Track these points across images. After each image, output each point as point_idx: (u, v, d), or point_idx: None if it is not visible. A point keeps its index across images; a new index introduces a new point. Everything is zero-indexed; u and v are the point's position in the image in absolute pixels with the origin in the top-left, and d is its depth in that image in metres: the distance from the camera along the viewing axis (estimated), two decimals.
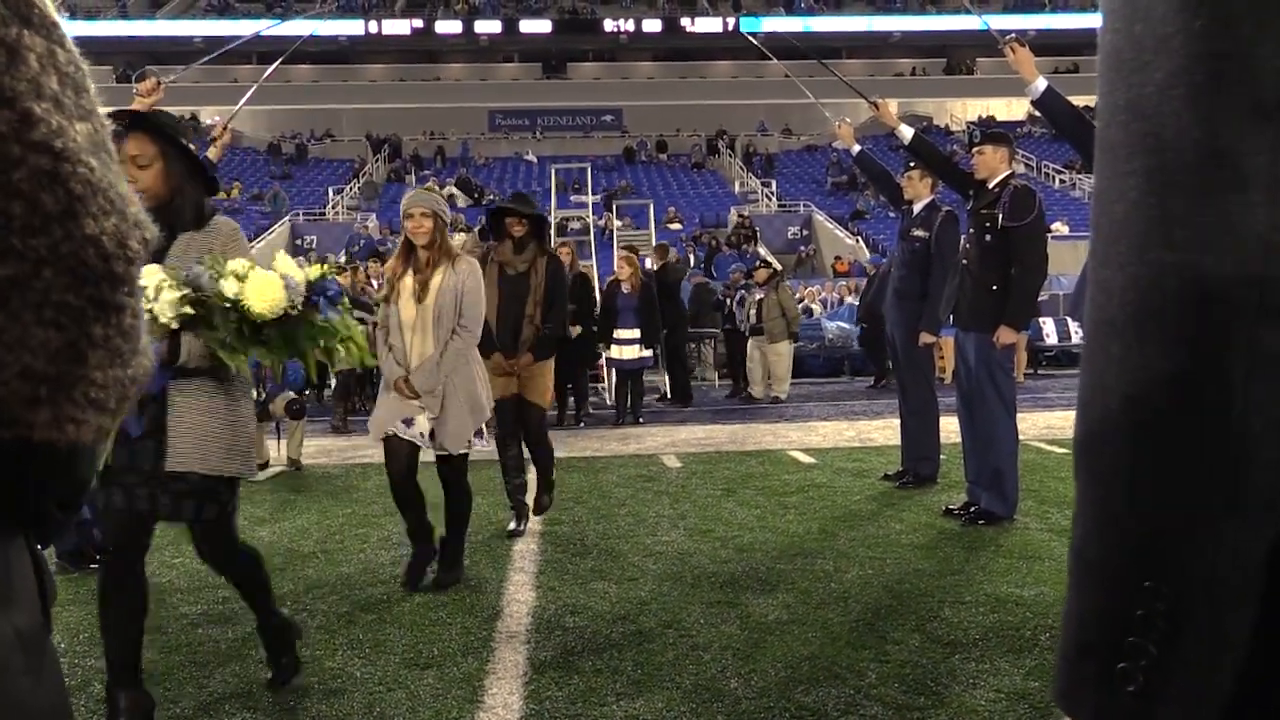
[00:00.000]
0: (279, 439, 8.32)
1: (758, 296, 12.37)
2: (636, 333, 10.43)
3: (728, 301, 13.29)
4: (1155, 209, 0.55)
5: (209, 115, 35.16)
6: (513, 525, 5.60)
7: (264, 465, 7.96)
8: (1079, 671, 0.59)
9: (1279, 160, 0.52)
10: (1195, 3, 0.53)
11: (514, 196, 5.73)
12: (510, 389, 5.44)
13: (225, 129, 6.10)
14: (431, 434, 4.45)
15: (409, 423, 4.43)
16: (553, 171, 25.81)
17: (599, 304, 10.94)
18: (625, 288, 10.55)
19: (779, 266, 14.66)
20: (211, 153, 5.96)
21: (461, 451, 4.55)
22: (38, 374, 0.61)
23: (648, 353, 10.54)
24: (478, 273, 4.56)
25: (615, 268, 11.04)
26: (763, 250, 24.92)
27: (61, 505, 0.68)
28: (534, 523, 5.84)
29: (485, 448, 4.78)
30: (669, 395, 12.65)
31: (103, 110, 0.68)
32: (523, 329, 5.42)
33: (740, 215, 28.44)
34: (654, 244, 14.94)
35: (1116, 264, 0.57)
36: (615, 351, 10.57)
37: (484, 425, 4.62)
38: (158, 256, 2.96)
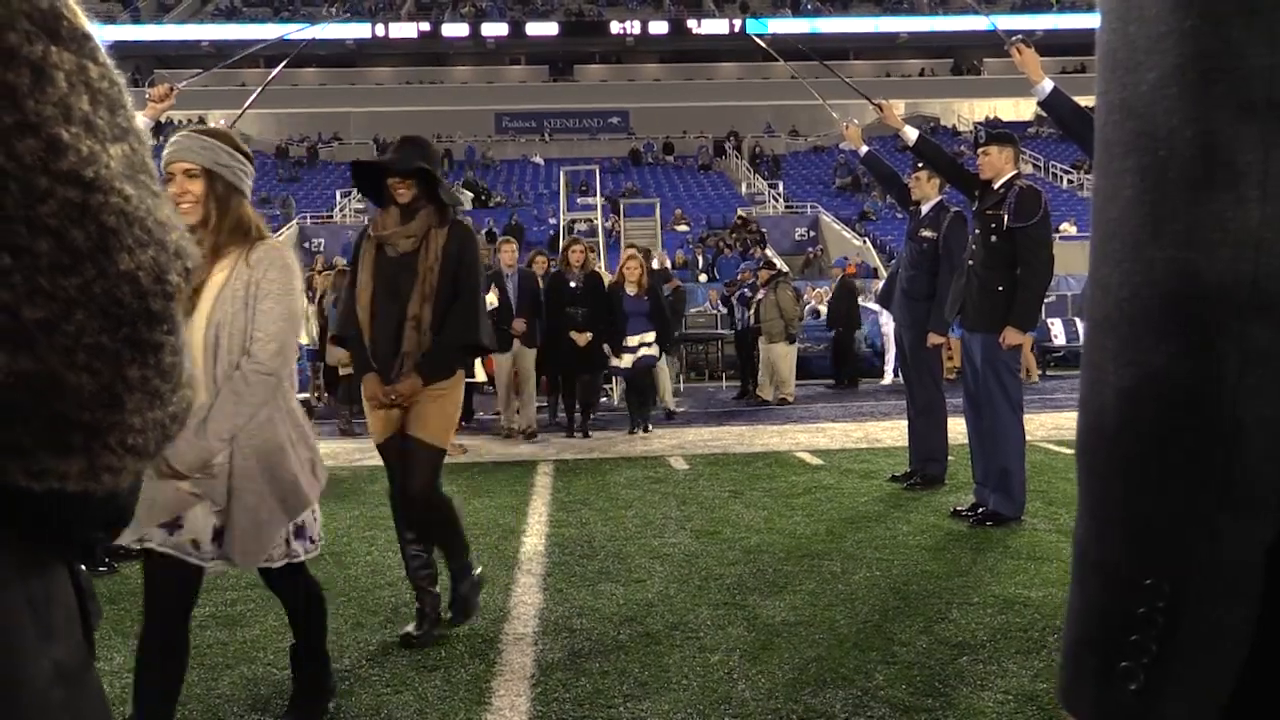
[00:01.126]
0: None
1: (758, 297, 12.36)
2: (643, 337, 9.58)
3: (731, 301, 13.28)
4: (1149, 206, 0.55)
5: (216, 119, 35.26)
6: (410, 628, 3.93)
7: None
8: (1080, 669, 0.59)
9: (1270, 158, 0.52)
10: (1186, 3, 0.54)
11: (399, 143, 3.90)
12: (391, 426, 3.82)
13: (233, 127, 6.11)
14: (216, 537, 2.75)
15: (173, 527, 2.70)
16: (562, 174, 25.82)
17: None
18: (631, 290, 9.55)
19: (785, 268, 14.64)
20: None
21: (266, 565, 2.95)
22: (70, 422, 0.56)
23: (652, 350, 9.62)
24: (290, 266, 2.79)
25: (621, 268, 9.94)
26: (770, 252, 24.90)
27: (106, 528, 0.66)
28: (541, 525, 5.84)
29: (311, 553, 3.14)
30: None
31: (141, 123, 0.62)
32: (404, 337, 3.73)
33: (740, 217, 28.38)
34: (660, 246, 14.89)
35: (1112, 261, 0.58)
36: (622, 361, 9.57)
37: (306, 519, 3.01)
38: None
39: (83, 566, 0.69)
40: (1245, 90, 0.52)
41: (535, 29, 43.13)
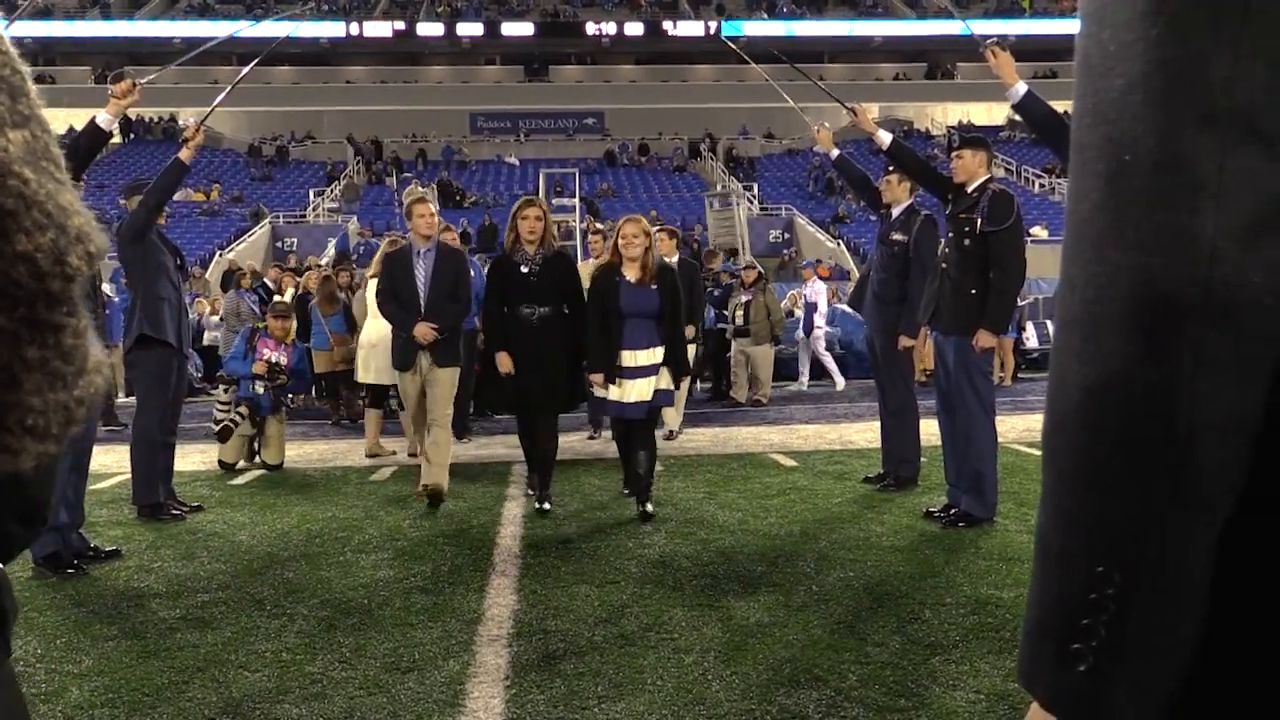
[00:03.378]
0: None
1: (744, 299, 12.39)
2: (652, 355, 5.92)
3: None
4: (1113, 211, 0.57)
5: (187, 116, 34.95)
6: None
7: (280, 465, 7.92)
8: (1038, 652, 0.62)
9: (1227, 167, 0.54)
10: (1154, 11, 0.55)
11: None
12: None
13: (198, 129, 6.05)
14: None
15: None
16: (541, 176, 25.83)
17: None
18: (632, 274, 6.11)
19: (761, 269, 14.67)
20: (183, 153, 5.93)
21: None
22: None
23: (666, 381, 5.99)
24: None
25: (618, 238, 8.79)
26: (748, 256, 24.96)
27: (21, 521, 0.65)
28: (515, 526, 5.83)
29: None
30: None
31: (45, 114, 0.63)
32: None
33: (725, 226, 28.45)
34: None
35: (1079, 262, 0.59)
36: (619, 391, 5.95)
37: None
38: None
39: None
40: (1206, 100, 0.54)
41: (511, 29, 43.05)
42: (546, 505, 6.14)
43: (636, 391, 5.86)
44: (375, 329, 8.08)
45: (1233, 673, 0.60)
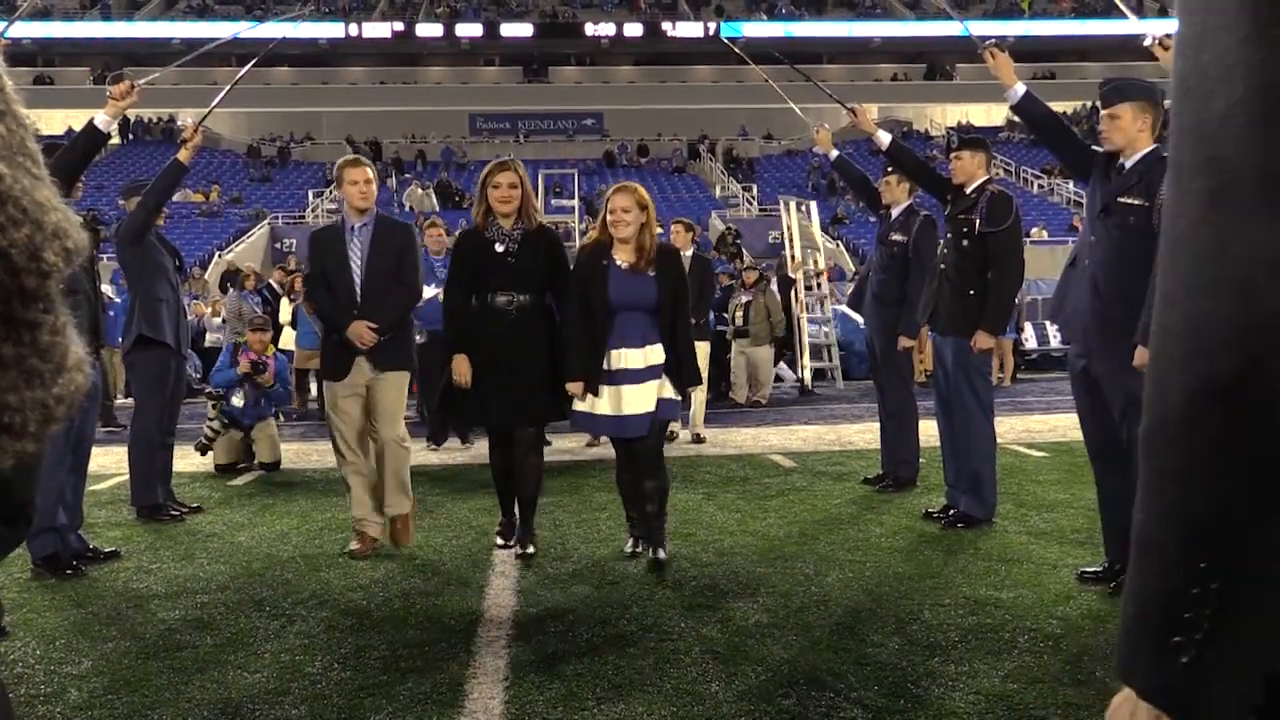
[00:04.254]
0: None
1: (744, 300, 12.39)
2: (648, 354, 4.85)
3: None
4: (1214, 227, 0.59)
5: (186, 117, 34.95)
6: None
7: (277, 465, 7.92)
8: (1136, 645, 0.65)
9: None
10: (1257, 37, 0.57)
11: None
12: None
13: (196, 130, 6.04)
14: None
15: None
16: (541, 176, 25.77)
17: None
18: (624, 259, 5.21)
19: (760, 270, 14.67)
20: (182, 154, 5.92)
21: None
22: None
23: (670, 390, 4.88)
24: None
25: (605, 217, 8.41)
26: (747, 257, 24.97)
27: (3, 520, 0.65)
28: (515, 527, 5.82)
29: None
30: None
31: (22, 109, 0.62)
32: None
33: (728, 228, 28.37)
34: None
35: (1178, 275, 0.62)
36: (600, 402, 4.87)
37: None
38: None
39: None
40: None
41: (510, 30, 43.01)
42: (530, 549, 5.02)
43: (634, 401, 4.70)
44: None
45: None
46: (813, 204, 17.39)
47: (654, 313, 4.79)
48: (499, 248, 4.93)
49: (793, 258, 14.36)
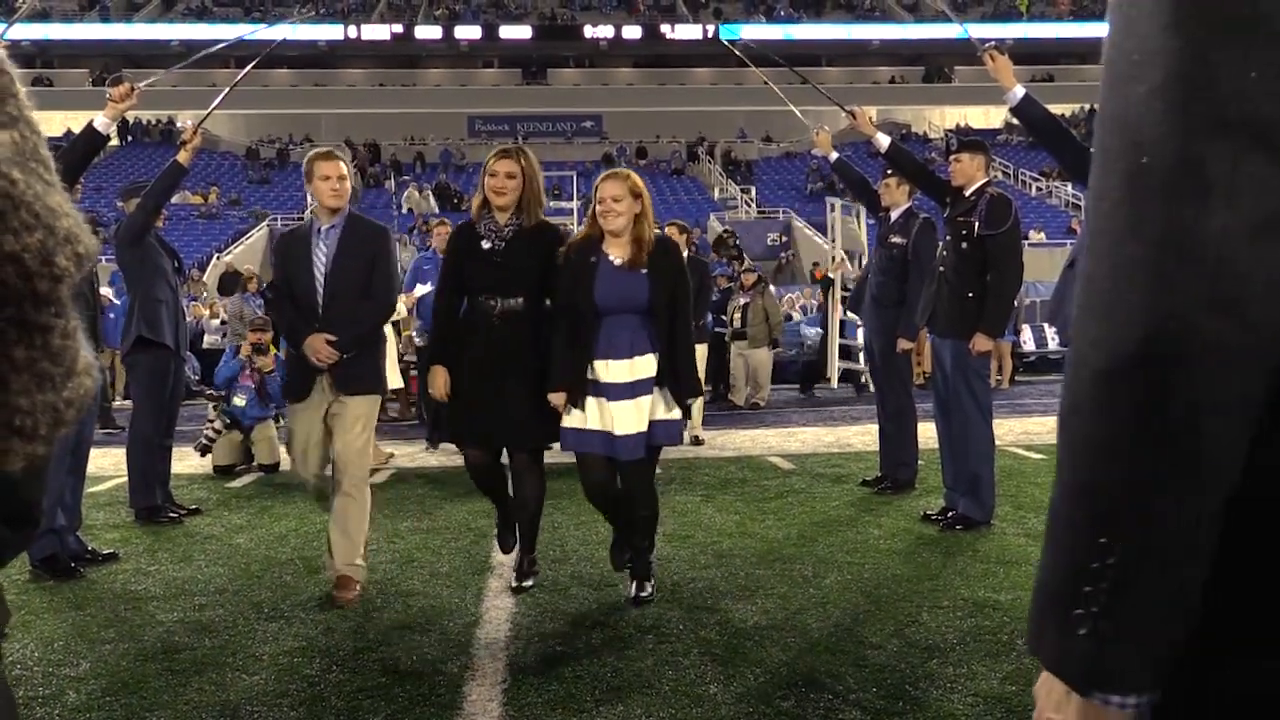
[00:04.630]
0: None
1: (743, 301, 12.39)
2: (636, 365, 4.22)
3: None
4: (1130, 208, 0.61)
5: (185, 119, 34.94)
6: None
7: (276, 467, 7.91)
8: (1043, 617, 0.66)
9: (1238, 170, 0.58)
10: (1174, 24, 0.59)
11: None
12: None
13: (195, 132, 6.04)
14: None
15: None
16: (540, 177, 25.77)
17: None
18: (617, 256, 4.45)
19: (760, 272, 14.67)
20: (181, 156, 5.92)
21: None
22: None
23: (670, 408, 4.30)
24: None
25: (594, 210, 8.21)
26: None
27: (10, 523, 0.65)
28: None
29: None
30: None
31: (43, 116, 0.63)
32: None
33: (727, 230, 28.39)
34: None
35: (1097, 255, 0.64)
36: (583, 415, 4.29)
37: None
38: None
39: None
40: (1220, 108, 0.58)
41: (508, 32, 43.02)
42: (529, 581, 4.56)
43: (624, 421, 4.13)
44: None
45: (1227, 638, 0.64)
46: (861, 208, 17.44)
47: (645, 315, 4.19)
48: (485, 244, 4.36)
49: (834, 258, 14.44)
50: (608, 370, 4.17)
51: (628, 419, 4.15)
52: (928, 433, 6.38)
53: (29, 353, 0.58)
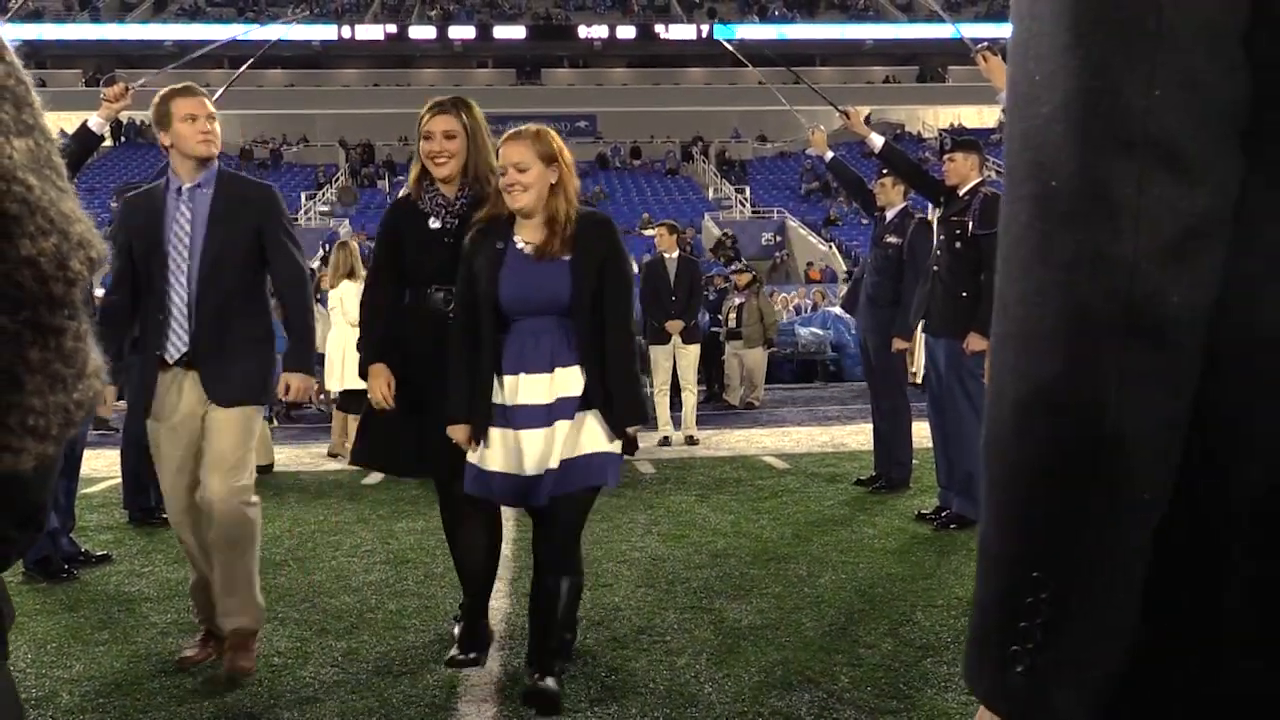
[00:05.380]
0: None
1: (737, 302, 12.41)
2: (558, 381, 3.23)
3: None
4: (1040, 232, 0.60)
5: None
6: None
7: (269, 468, 7.90)
8: (980, 653, 0.65)
9: (1144, 191, 0.56)
10: (1074, 43, 0.58)
11: None
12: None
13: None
14: None
15: None
16: None
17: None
18: (526, 241, 3.38)
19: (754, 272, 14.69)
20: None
21: None
22: None
23: (606, 441, 3.27)
24: None
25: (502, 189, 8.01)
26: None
27: (18, 525, 0.66)
28: (508, 530, 5.81)
29: None
30: None
31: (48, 125, 0.64)
32: None
33: (725, 233, 28.42)
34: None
35: (1010, 280, 0.63)
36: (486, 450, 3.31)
37: None
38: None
39: None
40: (1123, 127, 0.57)
41: (502, 32, 43.04)
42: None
43: (537, 453, 3.16)
44: (336, 339, 8.13)
45: (1166, 668, 0.63)
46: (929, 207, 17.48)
47: (568, 317, 3.23)
48: (434, 224, 3.53)
49: None
50: (519, 389, 3.19)
51: (544, 451, 3.16)
52: (922, 432, 6.39)
53: (43, 354, 0.60)
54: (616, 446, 3.28)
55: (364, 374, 3.59)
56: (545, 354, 3.21)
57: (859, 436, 8.98)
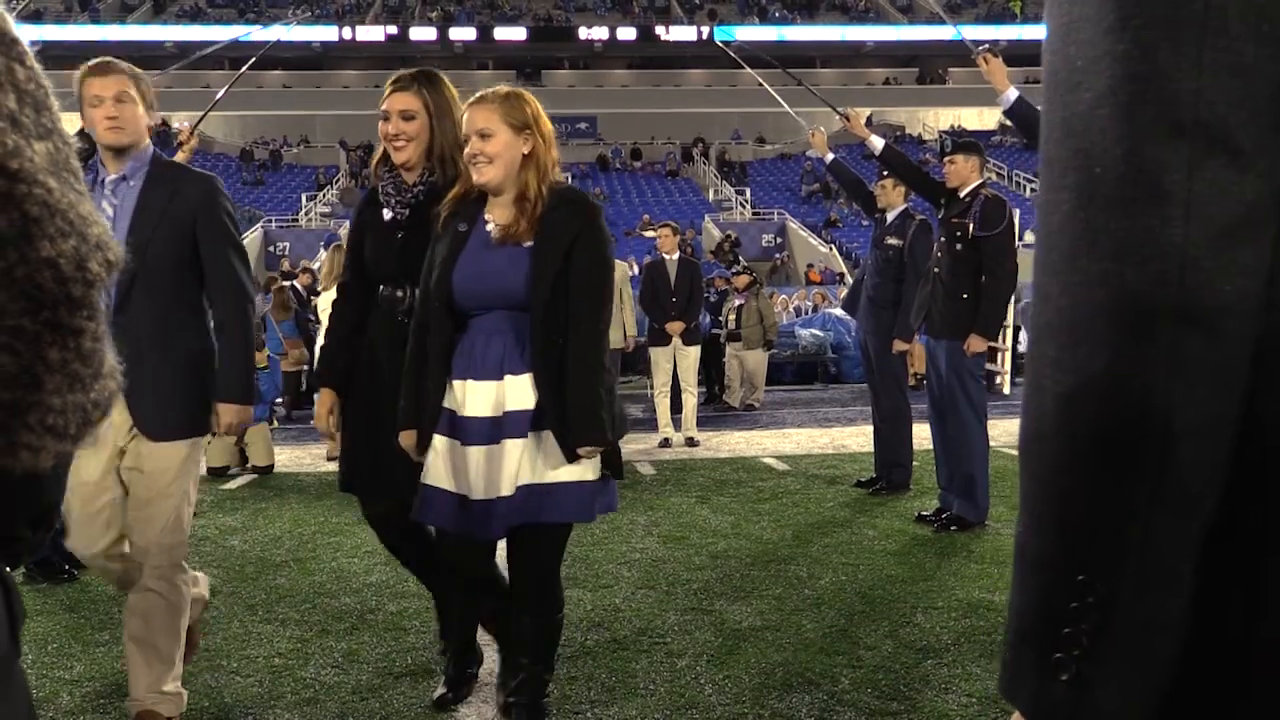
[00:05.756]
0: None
1: (737, 303, 12.41)
2: (503, 391, 2.77)
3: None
4: (1084, 221, 0.58)
5: (179, 121, 34.91)
6: None
7: (270, 468, 7.90)
8: (1019, 661, 0.62)
9: (1195, 177, 0.55)
10: (1120, 28, 0.56)
11: None
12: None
13: (192, 133, 6.04)
14: None
15: None
16: None
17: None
18: (495, 225, 2.92)
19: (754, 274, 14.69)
20: (179, 158, 5.91)
21: None
22: None
23: (585, 471, 2.77)
24: None
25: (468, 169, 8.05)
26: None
27: (30, 525, 0.66)
28: None
29: None
30: None
31: (66, 129, 0.65)
32: None
33: (726, 236, 28.42)
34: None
35: (1052, 271, 0.61)
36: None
37: None
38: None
39: (7, 567, 0.70)
40: (1172, 112, 0.55)
41: (503, 34, 43.07)
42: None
43: (479, 474, 2.72)
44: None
45: (1214, 674, 0.61)
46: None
47: (524, 312, 2.71)
48: (387, 215, 3.16)
49: None
50: (466, 397, 2.75)
51: (487, 473, 2.70)
52: (922, 434, 6.39)
53: (62, 354, 0.61)
54: (591, 473, 2.73)
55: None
56: (495, 357, 2.73)
57: (859, 438, 8.98)
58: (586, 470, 2.72)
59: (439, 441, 2.77)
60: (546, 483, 2.70)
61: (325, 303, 8.30)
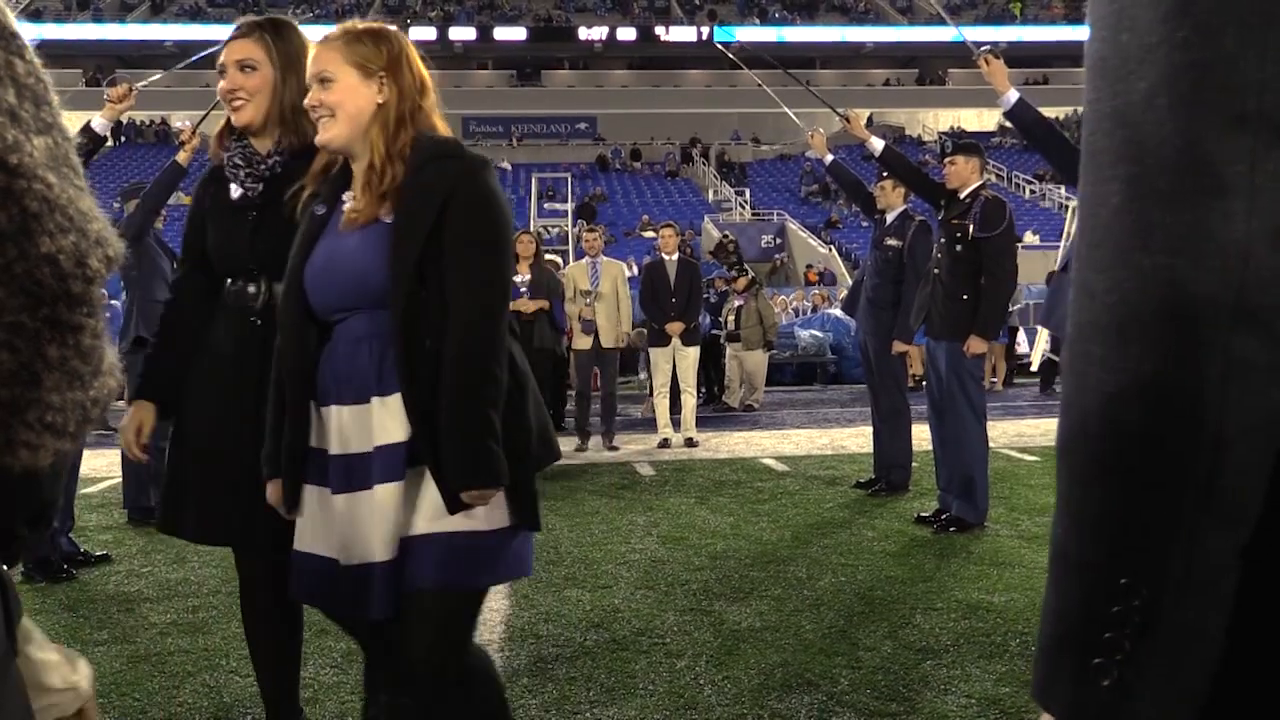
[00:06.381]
0: None
1: (737, 304, 12.42)
2: (378, 415, 2.04)
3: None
4: (1136, 215, 0.56)
5: (180, 120, 34.89)
6: None
7: None
8: (1055, 666, 0.60)
9: (1257, 170, 0.53)
10: (1179, 13, 0.54)
11: None
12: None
13: (194, 133, 6.05)
14: None
15: None
16: (533, 180, 25.80)
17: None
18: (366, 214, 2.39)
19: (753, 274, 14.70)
20: (180, 156, 5.92)
21: None
22: None
23: (488, 516, 2.04)
24: None
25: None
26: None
27: (28, 523, 0.66)
28: None
29: None
30: None
31: (66, 124, 0.65)
32: None
33: (726, 237, 28.38)
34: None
35: (1099, 268, 0.58)
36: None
37: None
38: None
39: (4, 566, 0.69)
40: (1235, 103, 0.53)
41: (503, 34, 43.06)
42: None
43: (349, 531, 2.03)
44: None
45: (1262, 683, 0.59)
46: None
47: (385, 311, 2.03)
48: (234, 191, 2.64)
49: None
50: (335, 428, 2.09)
51: (361, 529, 2.02)
52: (922, 434, 6.40)
53: (61, 351, 0.60)
54: (498, 518, 2.04)
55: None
56: (360, 374, 2.05)
57: (858, 439, 8.98)
58: (494, 516, 2.03)
59: (308, 493, 2.13)
60: (438, 532, 2.00)
61: None
